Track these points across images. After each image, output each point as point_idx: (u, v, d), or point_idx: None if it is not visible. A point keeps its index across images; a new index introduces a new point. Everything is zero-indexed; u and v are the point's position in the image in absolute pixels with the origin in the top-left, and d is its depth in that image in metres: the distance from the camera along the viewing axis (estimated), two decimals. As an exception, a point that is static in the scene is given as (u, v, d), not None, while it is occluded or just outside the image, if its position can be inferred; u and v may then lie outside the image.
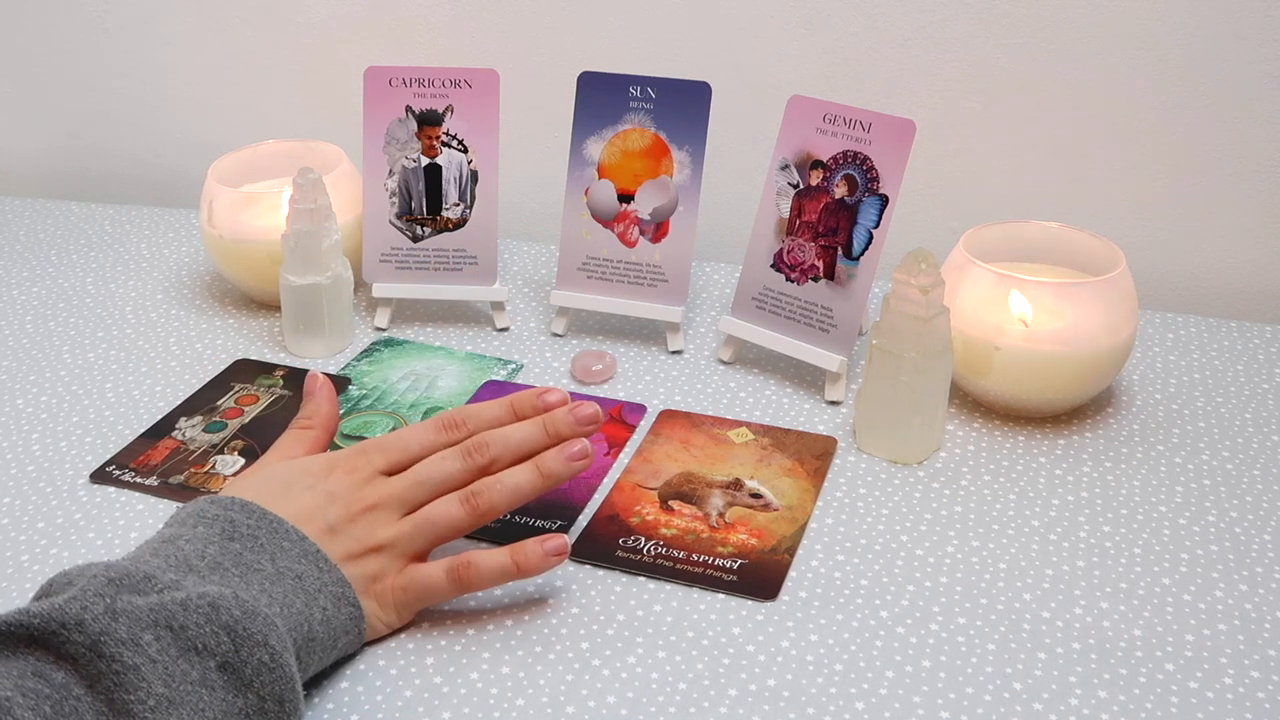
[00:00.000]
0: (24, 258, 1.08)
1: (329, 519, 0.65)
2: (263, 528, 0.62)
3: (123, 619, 0.53)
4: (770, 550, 0.72)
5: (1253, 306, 1.01)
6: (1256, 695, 0.62)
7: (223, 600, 0.56)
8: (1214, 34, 0.94)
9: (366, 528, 0.66)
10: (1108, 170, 1.01)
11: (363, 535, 0.65)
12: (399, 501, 0.67)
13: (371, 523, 0.66)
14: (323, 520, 0.65)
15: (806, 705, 0.61)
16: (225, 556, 0.60)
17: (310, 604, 0.61)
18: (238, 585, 0.59)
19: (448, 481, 0.68)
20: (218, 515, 0.62)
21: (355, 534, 0.65)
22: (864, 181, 0.83)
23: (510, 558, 0.66)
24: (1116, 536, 0.73)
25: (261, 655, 0.56)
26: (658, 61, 1.04)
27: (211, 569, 0.59)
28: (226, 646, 0.55)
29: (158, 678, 0.53)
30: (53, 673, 0.52)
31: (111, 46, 1.20)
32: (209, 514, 0.63)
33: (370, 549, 0.65)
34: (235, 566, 0.60)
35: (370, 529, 0.66)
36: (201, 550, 0.60)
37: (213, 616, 0.56)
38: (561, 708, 0.61)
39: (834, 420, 0.84)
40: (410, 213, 0.94)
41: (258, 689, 0.56)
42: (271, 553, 0.62)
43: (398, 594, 0.66)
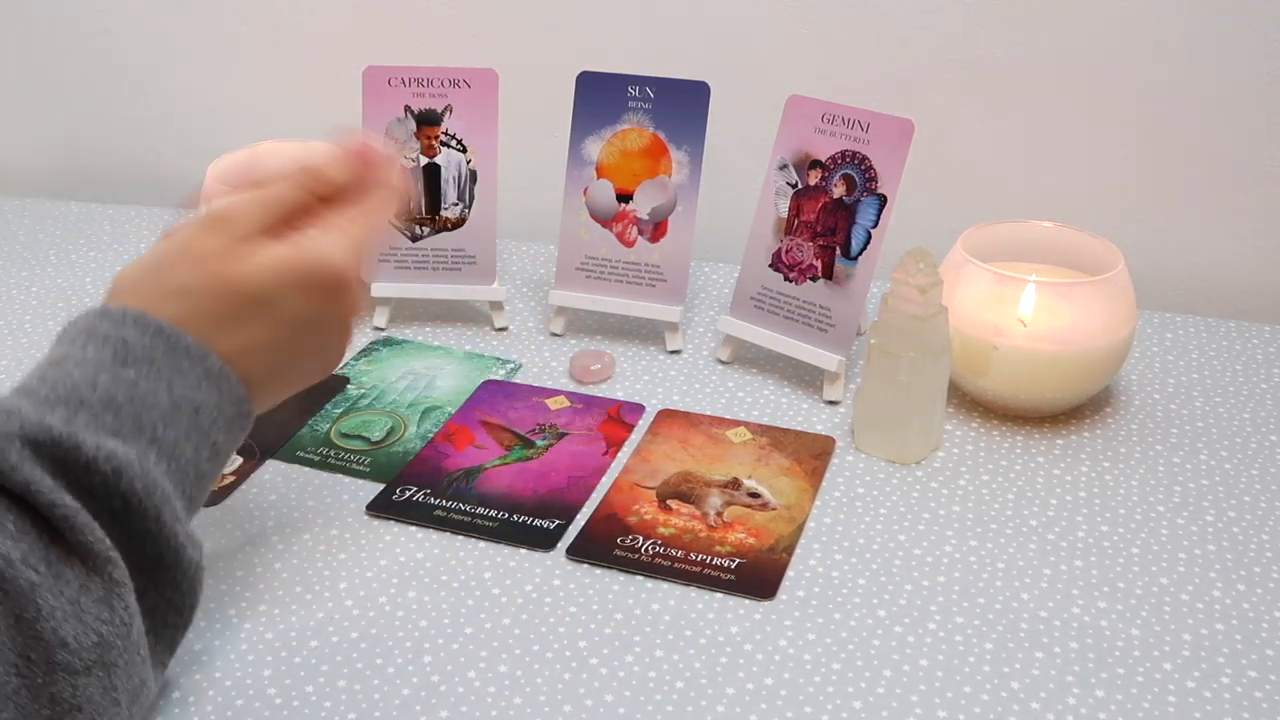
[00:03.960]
0: (24, 258, 1.09)
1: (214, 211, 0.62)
2: (159, 347, 0.58)
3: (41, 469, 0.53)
4: (768, 549, 0.72)
5: (1251, 306, 1.01)
6: (1254, 694, 0.62)
7: (127, 468, 0.55)
8: (1214, 34, 0.94)
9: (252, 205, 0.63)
10: (1107, 170, 1.01)
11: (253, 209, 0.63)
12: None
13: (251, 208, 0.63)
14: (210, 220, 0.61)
15: (804, 704, 0.61)
16: (118, 387, 0.57)
17: (202, 443, 0.59)
18: (130, 433, 0.56)
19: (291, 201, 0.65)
20: (109, 334, 0.58)
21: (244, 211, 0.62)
22: (862, 181, 0.83)
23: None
24: (1114, 536, 0.73)
25: (149, 525, 0.56)
26: (656, 61, 1.04)
27: (104, 405, 0.56)
28: (118, 505, 0.55)
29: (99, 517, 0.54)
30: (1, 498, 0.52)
31: (111, 47, 1.20)
32: (99, 331, 0.58)
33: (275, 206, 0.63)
34: (129, 402, 0.57)
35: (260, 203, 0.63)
36: (92, 378, 0.57)
37: (112, 481, 0.55)
38: (559, 706, 0.62)
39: (832, 420, 0.84)
40: (409, 212, 0.94)
41: (139, 543, 0.56)
42: (169, 378, 0.58)
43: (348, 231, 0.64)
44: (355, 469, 0.79)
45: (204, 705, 0.62)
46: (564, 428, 0.83)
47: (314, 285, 0.62)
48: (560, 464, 0.79)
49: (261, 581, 0.70)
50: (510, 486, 0.77)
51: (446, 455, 0.80)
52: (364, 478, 0.79)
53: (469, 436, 0.82)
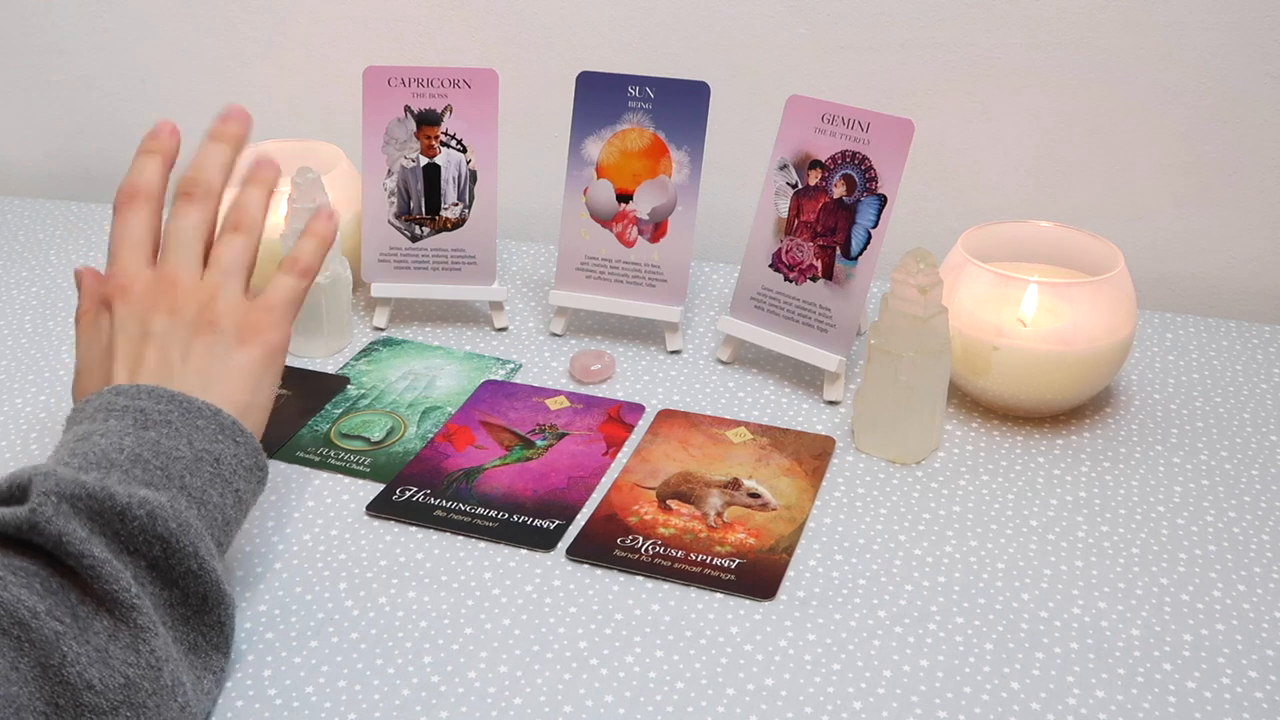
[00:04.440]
0: (24, 258, 1.09)
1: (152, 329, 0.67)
2: (174, 410, 0.64)
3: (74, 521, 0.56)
4: (768, 550, 0.72)
5: (1252, 306, 1.01)
6: (1254, 695, 0.62)
7: (160, 511, 0.58)
8: (1215, 34, 0.94)
9: (188, 300, 0.68)
10: (1107, 170, 1.01)
11: (189, 307, 0.68)
12: (188, 267, 0.70)
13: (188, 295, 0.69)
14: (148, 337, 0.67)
15: (804, 704, 0.61)
16: (143, 447, 0.61)
17: (226, 490, 0.64)
18: (160, 481, 0.61)
19: (199, 227, 0.71)
20: (126, 406, 0.63)
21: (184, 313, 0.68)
22: (862, 181, 0.83)
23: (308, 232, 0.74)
24: (1115, 536, 0.73)
25: (190, 564, 0.59)
26: (656, 61, 1.04)
27: (133, 462, 0.61)
28: (158, 551, 0.59)
29: (124, 570, 0.57)
30: (30, 557, 0.56)
31: (111, 46, 1.20)
32: (117, 405, 0.64)
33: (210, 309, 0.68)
34: (155, 457, 0.61)
35: (192, 298, 0.68)
36: (119, 443, 0.61)
37: (148, 525, 0.58)
38: (559, 707, 0.61)
39: (832, 420, 0.84)
40: (409, 212, 0.94)
41: (183, 587, 0.60)
42: (188, 435, 0.63)
43: (265, 317, 0.70)
44: (355, 469, 0.79)
45: (204, 706, 0.62)
46: (564, 428, 0.83)
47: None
48: (560, 464, 0.79)
49: (261, 582, 0.70)
50: (510, 487, 0.77)
51: (446, 455, 0.80)
52: (364, 478, 0.79)
53: (469, 437, 0.82)
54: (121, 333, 0.68)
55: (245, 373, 0.68)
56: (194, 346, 0.68)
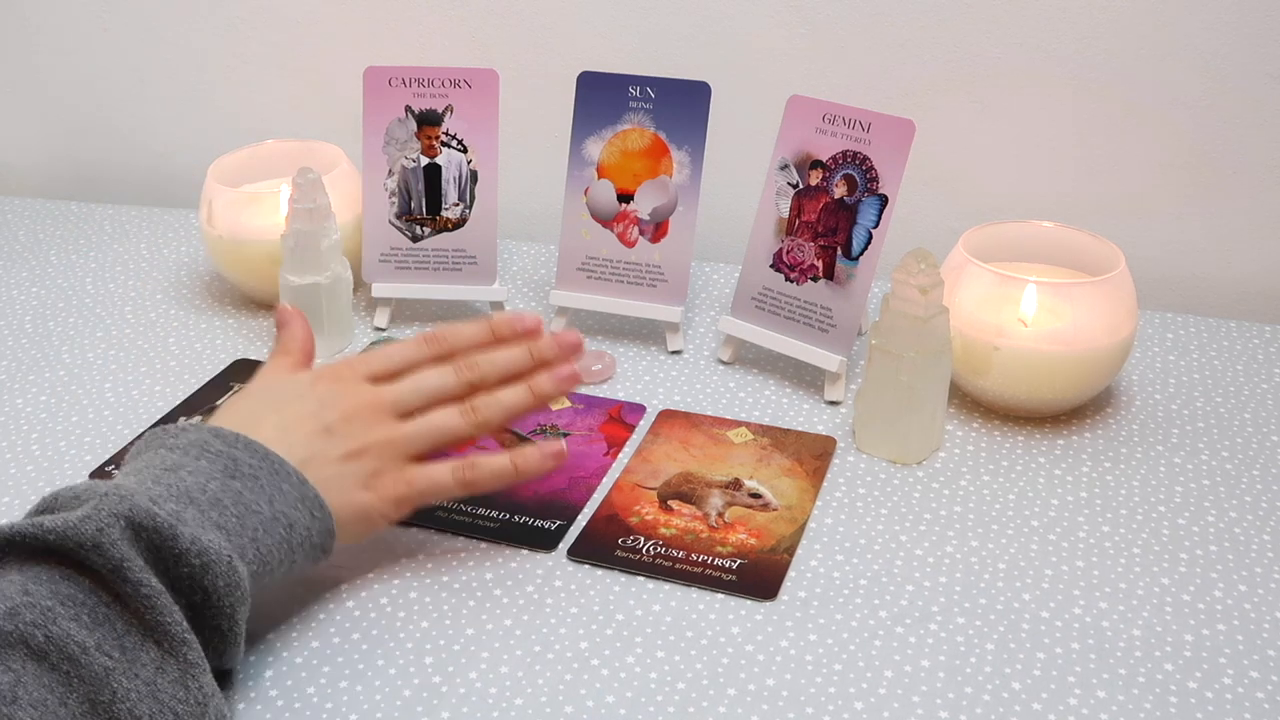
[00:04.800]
0: (24, 258, 1.09)
1: (325, 420, 0.68)
2: (264, 468, 0.64)
3: (135, 551, 0.56)
4: (769, 550, 0.72)
5: (1253, 307, 1.01)
6: (1255, 695, 0.62)
7: (216, 562, 0.58)
8: (1215, 34, 0.94)
9: (364, 426, 0.68)
10: (1108, 170, 1.01)
11: (360, 432, 0.68)
12: (394, 405, 0.70)
13: (369, 422, 0.69)
14: (317, 421, 0.67)
15: (805, 705, 0.61)
16: (226, 494, 0.62)
17: (285, 559, 0.63)
18: (234, 529, 0.61)
19: (440, 392, 0.71)
20: (221, 451, 0.64)
21: (353, 431, 0.68)
22: (863, 181, 0.83)
23: (510, 459, 0.70)
24: (1116, 536, 0.73)
25: (221, 623, 0.59)
26: (657, 61, 1.04)
27: (212, 504, 0.61)
28: (199, 600, 0.58)
29: (178, 602, 0.57)
30: (79, 578, 0.55)
31: (111, 46, 1.20)
32: (213, 448, 0.64)
33: (370, 445, 0.68)
34: (234, 505, 0.61)
35: (368, 427, 0.68)
36: (204, 484, 0.61)
37: (199, 575, 0.58)
38: (560, 707, 0.61)
39: (833, 420, 0.84)
40: (410, 213, 0.94)
41: (206, 635, 0.59)
42: (270, 495, 0.63)
43: (400, 488, 0.69)
44: (356, 469, 0.79)
45: (205, 706, 0.62)
46: (565, 428, 0.83)
47: None
48: (561, 465, 0.79)
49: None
50: (511, 487, 0.77)
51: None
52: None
53: (470, 437, 0.82)
54: (302, 399, 0.69)
55: (347, 508, 0.67)
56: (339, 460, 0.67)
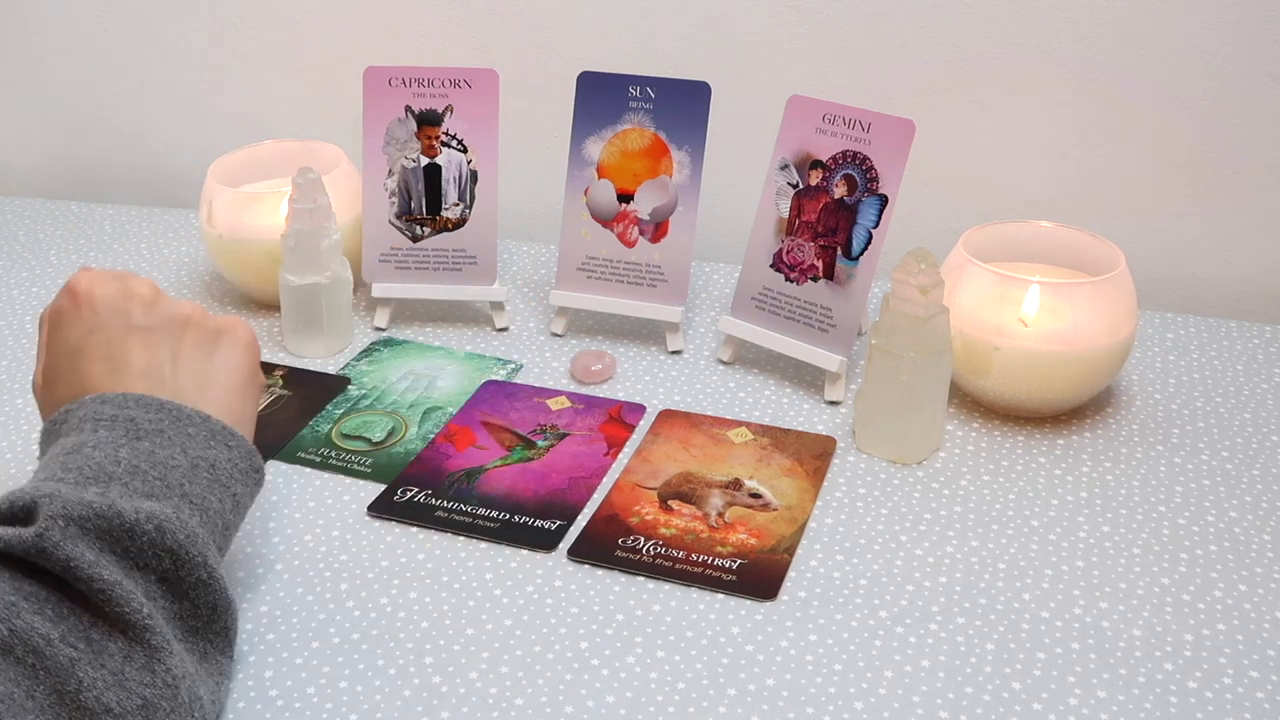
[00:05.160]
0: (24, 258, 1.09)
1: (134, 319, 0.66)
2: (165, 419, 0.63)
3: (81, 543, 0.56)
4: (769, 550, 0.72)
5: (1253, 306, 1.01)
6: (1255, 695, 0.62)
7: (167, 523, 0.58)
8: (1215, 34, 0.94)
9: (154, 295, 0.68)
10: (1108, 170, 1.01)
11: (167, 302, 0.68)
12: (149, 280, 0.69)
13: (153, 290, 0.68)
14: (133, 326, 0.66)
15: (805, 705, 0.61)
16: (139, 458, 0.61)
17: (224, 495, 0.63)
18: (160, 491, 0.60)
19: None
20: (115, 416, 0.62)
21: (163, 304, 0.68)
22: (863, 181, 0.83)
23: None
24: (1116, 536, 0.73)
25: (200, 574, 0.60)
26: (657, 61, 1.04)
27: (130, 474, 0.60)
28: (168, 565, 0.59)
29: (135, 589, 0.56)
30: (40, 579, 0.55)
31: (111, 46, 1.20)
32: (105, 415, 0.62)
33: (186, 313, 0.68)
34: (152, 467, 0.61)
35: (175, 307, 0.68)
36: (114, 455, 0.60)
37: (157, 539, 0.58)
38: (560, 707, 0.61)
39: (833, 420, 0.84)
40: (410, 213, 0.94)
41: (193, 599, 0.60)
42: (181, 444, 0.63)
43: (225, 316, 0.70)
44: (356, 470, 0.79)
45: (205, 706, 0.62)
46: (565, 428, 0.83)
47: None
48: (561, 465, 0.79)
49: (262, 582, 0.70)
50: (511, 487, 0.77)
51: (447, 456, 0.80)
52: (365, 478, 0.79)
53: (470, 437, 0.82)
54: (99, 331, 0.66)
55: (232, 374, 0.68)
56: (182, 345, 0.67)
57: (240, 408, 0.68)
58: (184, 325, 0.67)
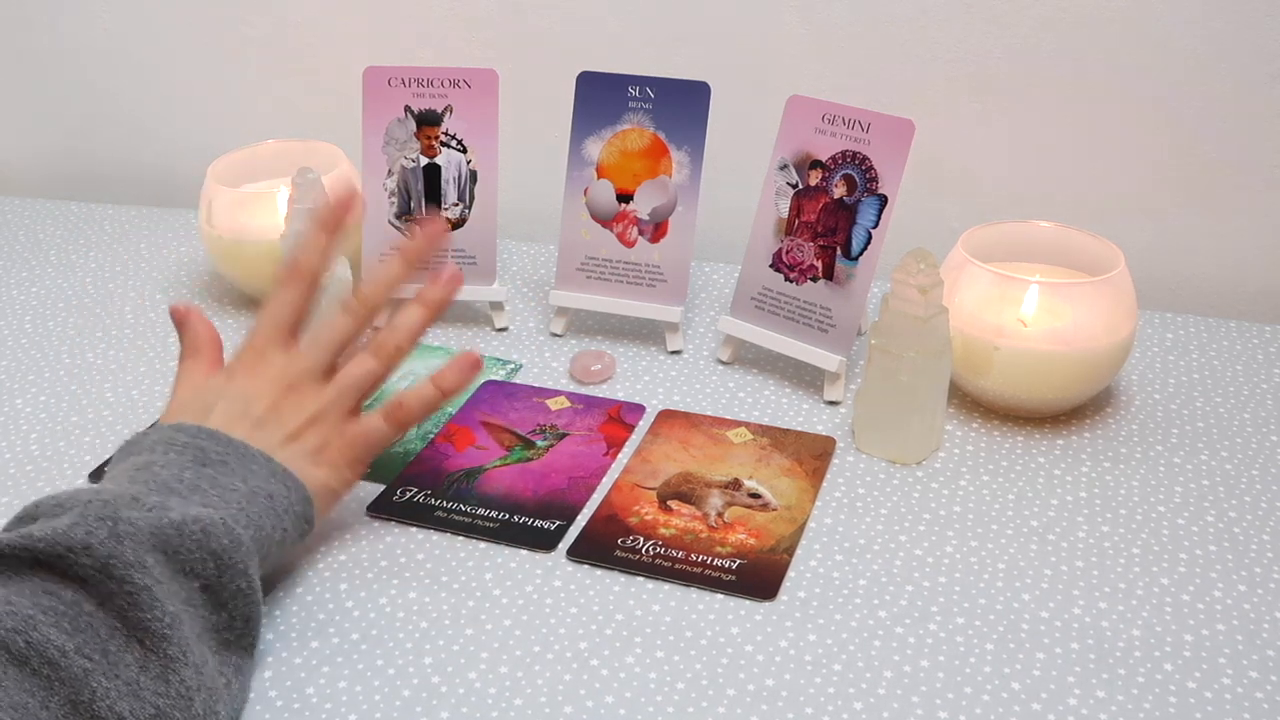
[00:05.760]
0: (24, 258, 1.09)
1: (253, 415, 0.69)
2: (231, 453, 0.65)
3: (127, 542, 0.57)
4: (769, 550, 0.72)
5: (1252, 306, 1.01)
6: (1255, 695, 0.62)
7: (213, 526, 0.60)
8: (1215, 34, 0.94)
9: (294, 406, 0.70)
10: (1107, 170, 1.01)
11: (292, 415, 0.70)
12: (311, 373, 0.71)
13: (297, 401, 0.70)
14: (247, 419, 0.68)
15: (805, 705, 0.61)
16: (201, 479, 0.63)
17: (277, 525, 0.65)
18: (218, 504, 0.62)
19: (343, 334, 0.73)
20: (187, 443, 0.65)
21: (285, 417, 0.70)
22: (863, 181, 0.83)
23: (430, 381, 0.73)
24: (1115, 536, 0.73)
25: (240, 582, 0.61)
26: (657, 61, 1.04)
27: (191, 490, 0.62)
28: (211, 571, 0.60)
29: (166, 597, 0.57)
30: (61, 590, 0.56)
31: (111, 46, 1.20)
32: (178, 441, 0.65)
33: (306, 422, 0.70)
34: (213, 488, 0.63)
35: (298, 406, 0.70)
36: (179, 475, 0.63)
37: (203, 542, 0.59)
38: (560, 708, 0.61)
39: (833, 420, 0.84)
40: (409, 213, 0.94)
41: (230, 609, 0.61)
42: (243, 474, 0.65)
43: (346, 452, 0.71)
44: (356, 470, 0.79)
45: (204, 706, 0.62)
46: (564, 428, 0.83)
47: None
48: (561, 465, 0.79)
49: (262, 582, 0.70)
50: (511, 487, 0.77)
51: (447, 456, 0.80)
52: (364, 478, 0.79)
53: (469, 437, 0.82)
54: (224, 399, 0.69)
55: (309, 486, 0.69)
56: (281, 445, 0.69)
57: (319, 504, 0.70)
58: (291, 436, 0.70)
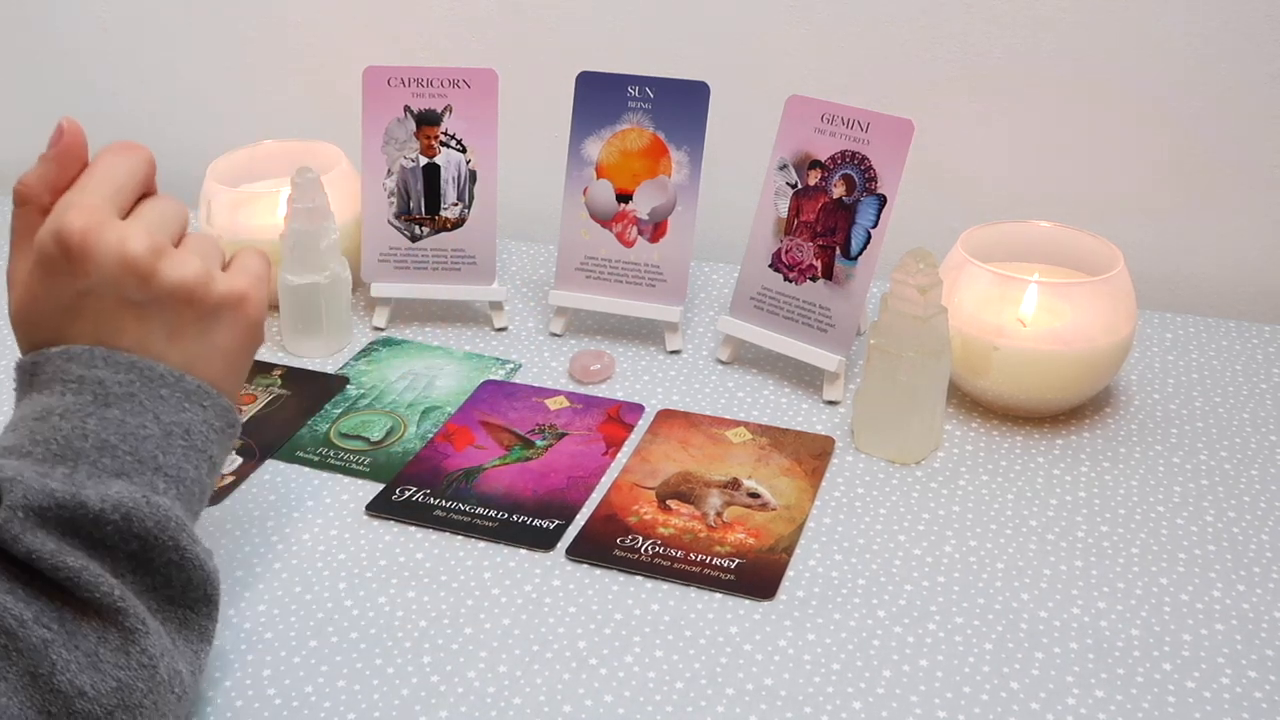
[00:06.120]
0: (23, 257, 1.08)
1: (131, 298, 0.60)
2: (136, 381, 0.59)
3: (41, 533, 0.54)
4: (768, 550, 0.72)
5: (1251, 306, 1.01)
6: (1253, 695, 0.62)
7: (135, 510, 0.57)
8: (1214, 33, 0.94)
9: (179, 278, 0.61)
10: (1107, 170, 1.01)
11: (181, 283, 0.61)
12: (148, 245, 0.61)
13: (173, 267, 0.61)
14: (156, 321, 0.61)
15: (804, 704, 0.61)
16: (108, 430, 0.58)
17: (200, 460, 0.61)
18: (133, 470, 0.58)
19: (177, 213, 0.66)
20: (83, 376, 0.59)
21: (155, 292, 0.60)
22: (862, 181, 0.83)
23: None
24: (1114, 536, 0.73)
25: (170, 555, 0.58)
26: (656, 61, 1.04)
27: (100, 450, 0.57)
28: (135, 548, 0.57)
29: (103, 572, 0.55)
30: (11, 561, 0.54)
31: (111, 46, 1.20)
32: (73, 375, 0.59)
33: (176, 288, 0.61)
34: (123, 440, 0.58)
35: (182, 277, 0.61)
36: (81, 427, 0.58)
37: (125, 528, 0.56)
38: (559, 707, 0.61)
39: (832, 420, 0.84)
40: (409, 212, 0.94)
41: (165, 575, 0.58)
42: (154, 409, 0.59)
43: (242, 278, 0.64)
44: (355, 469, 0.79)
45: (203, 705, 0.62)
46: (564, 428, 0.83)
47: None
48: (560, 464, 0.79)
49: (261, 581, 0.70)
50: (510, 487, 0.77)
51: (446, 455, 0.80)
52: (363, 478, 0.79)
53: (469, 437, 0.82)
54: (91, 294, 0.60)
55: (228, 355, 0.63)
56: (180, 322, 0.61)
57: (229, 384, 0.64)
58: (185, 302, 0.61)
